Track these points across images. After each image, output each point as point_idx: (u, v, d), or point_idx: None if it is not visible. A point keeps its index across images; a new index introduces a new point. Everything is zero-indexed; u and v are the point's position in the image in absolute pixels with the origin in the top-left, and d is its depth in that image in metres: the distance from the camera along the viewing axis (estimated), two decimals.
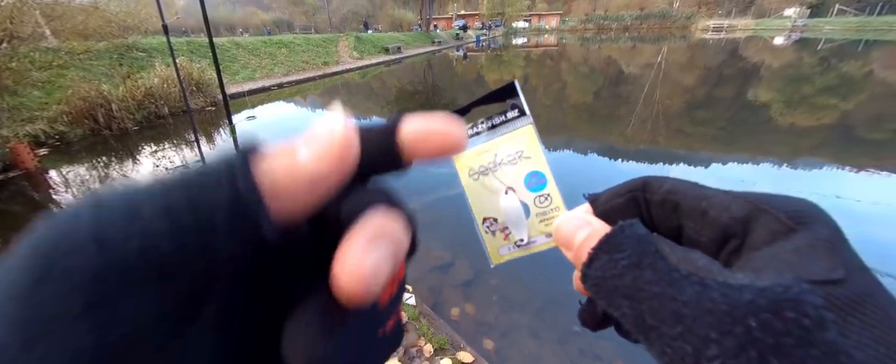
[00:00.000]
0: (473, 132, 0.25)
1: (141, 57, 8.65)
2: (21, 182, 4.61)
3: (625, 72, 13.66)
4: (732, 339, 0.12)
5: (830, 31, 31.16)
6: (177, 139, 6.30)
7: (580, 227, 0.20)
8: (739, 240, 0.17)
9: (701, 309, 0.13)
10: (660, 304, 0.14)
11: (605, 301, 0.17)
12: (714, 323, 0.13)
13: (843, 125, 6.14)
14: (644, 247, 0.16)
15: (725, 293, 0.13)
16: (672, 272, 0.15)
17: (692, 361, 0.13)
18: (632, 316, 0.15)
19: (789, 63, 14.29)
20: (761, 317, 0.12)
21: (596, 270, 0.17)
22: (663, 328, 0.14)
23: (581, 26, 50.28)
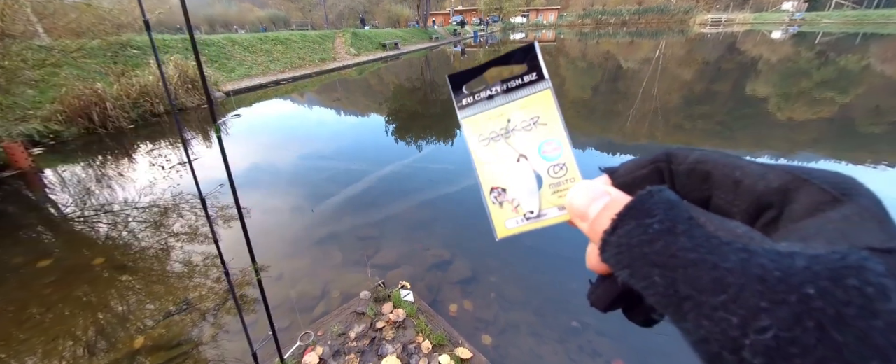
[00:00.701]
0: (487, 94, 0.23)
1: (135, 55, 8.56)
2: (15, 182, 4.58)
3: (623, 67, 13.63)
4: (787, 308, 0.11)
5: (828, 24, 31.14)
6: (172, 137, 6.26)
7: (597, 197, 0.18)
8: (777, 210, 0.16)
9: (749, 276, 0.12)
10: (698, 272, 0.13)
11: (628, 271, 0.15)
12: (765, 291, 0.11)
13: (842, 119, 6.14)
14: (677, 213, 0.15)
15: (776, 260, 0.12)
16: (711, 239, 0.13)
17: (737, 333, 0.12)
18: (662, 285, 0.14)
19: (787, 57, 14.28)
20: (820, 284, 0.11)
21: (620, 237, 0.16)
22: (703, 297, 0.13)
23: (579, 21, 50.05)
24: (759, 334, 0.11)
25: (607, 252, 0.16)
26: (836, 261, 0.11)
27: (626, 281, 0.15)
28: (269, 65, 12.49)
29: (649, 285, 0.14)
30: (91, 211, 3.74)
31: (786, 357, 0.11)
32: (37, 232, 3.46)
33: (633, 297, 0.19)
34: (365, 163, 4.77)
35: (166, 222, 3.40)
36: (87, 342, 2.11)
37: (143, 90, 7.20)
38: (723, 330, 0.12)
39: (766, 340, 0.11)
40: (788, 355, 0.11)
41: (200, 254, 2.88)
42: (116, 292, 2.51)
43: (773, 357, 0.11)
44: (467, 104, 0.23)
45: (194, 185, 1.28)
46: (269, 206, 3.65)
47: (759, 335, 0.11)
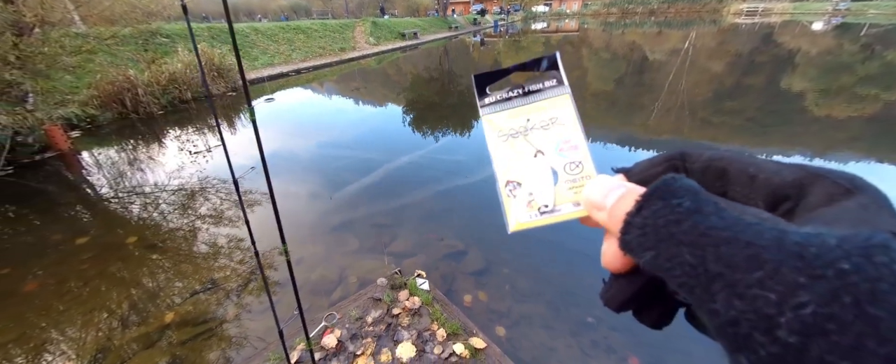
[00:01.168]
0: (509, 95, 0.24)
1: (164, 42, 8.83)
2: (56, 163, 4.85)
3: (649, 59, 13.14)
4: (825, 283, 0.11)
5: (875, 15, 29.02)
6: (199, 123, 6.47)
7: (615, 188, 0.19)
8: (793, 202, 0.16)
9: (786, 252, 0.12)
10: (732, 249, 0.13)
11: (653, 252, 0.15)
12: (803, 267, 0.11)
13: (886, 117, 5.76)
14: (701, 194, 0.15)
15: (809, 237, 0.12)
16: (740, 219, 0.13)
17: (773, 311, 0.11)
18: (690, 264, 0.13)
19: (828, 50, 13.43)
20: (853, 260, 0.11)
21: (646, 218, 0.16)
22: (736, 274, 0.12)
23: (604, 10, 48.35)
24: (797, 310, 0.11)
25: (630, 234, 0.16)
26: (864, 239, 0.12)
27: (648, 264, 0.15)
28: (291, 54, 12.66)
29: (676, 265, 0.14)
30: (124, 192, 3.93)
31: (823, 333, 0.11)
32: (75, 210, 3.67)
33: (646, 296, 0.19)
34: (382, 152, 4.82)
35: (193, 205, 3.54)
36: (121, 315, 2.24)
37: (172, 77, 7.44)
38: (757, 308, 0.12)
39: (804, 317, 0.11)
40: (826, 331, 0.11)
41: (225, 236, 2.99)
42: (148, 270, 2.65)
43: (811, 334, 0.11)
44: (489, 103, 0.24)
45: (220, 169, 1.33)
46: (289, 191, 3.74)
47: (797, 311, 0.11)
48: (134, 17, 6.99)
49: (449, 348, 1.79)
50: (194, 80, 7.62)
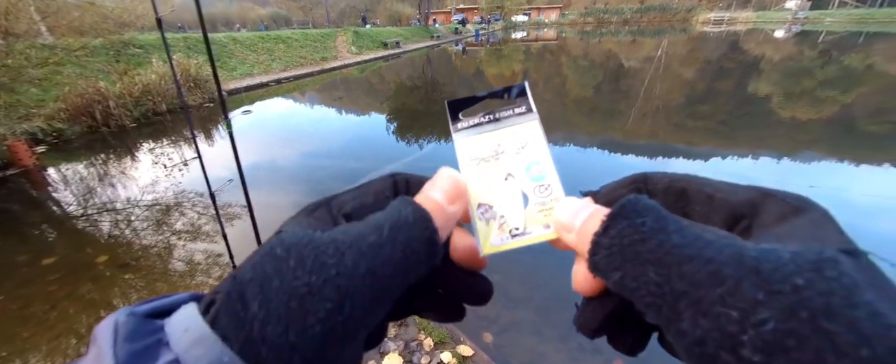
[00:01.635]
0: (478, 122, 0.25)
1: (138, 53, 8.58)
2: (19, 180, 4.60)
3: (625, 66, 13.59)
4: (782, 299, 0.11)
5: (831, 23, 30.97)
6: (175, 135, 6.28)
7: (582, 209, 0.19)
8: (748, 220, 0.17)
9: (745, 267, 0.12)
10: (694, 267, 0.13)
11: (620, 272, 0.15)
12: (761, 283, 0.12)
13: (845, 118, 6.12)
14: (664, 213, 0.16)
15: (765, 253, 0.12)
16: (701, 237, 0.14)
17: (735, 329, 0.12)
18: (656, 283, 0.14)
19: (790, 56, 14.22)
20: (806, 275, 0.11)
21: (612, 238, 0.16)
22: (700, 291, 0.13)
23: (581, 20, 49.90)
24: (758, 327, 0.11)
25: (598, 255, 0.16)
26: (815, 254, 0.12)
27: (617, 285, 0.15)
28: (271, 63, 12.50)
29: (642, 284, 0.14)
30: (94, 209, 3.76)
31: (784, 349, 0.11)
32: (41, 230, 3.48)
33: (618, 320, 0.19)
34: (366, 161, 4.78)
35: (168, 220, 3.41)
36: (90, 340, 2.13)
37: (146, 89, 7.21)
38: (721, 326, 0.12)
39: (765, 334, 0.11)
40: (786, 348, 0.11)
41: (202, 252, 2.89)
42: (119, 290, 2.53)
43: (772, 351, 0.11)
44: (462, 128, 0.25)
45: (197, 182, 1.29)
46: (270, 202, 3.66)
47: (758, 328, 0.11)
48: (105, 27, 6.77)
49: (436, 357, 1.77)
50: (169, 91, 7.41)
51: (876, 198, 3.33)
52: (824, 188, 3.55)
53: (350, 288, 0.15)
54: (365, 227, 0.17)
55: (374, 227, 0.17)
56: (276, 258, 0.16)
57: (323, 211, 0.21)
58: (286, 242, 0.16)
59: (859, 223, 2.89)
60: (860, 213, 3.07)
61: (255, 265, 0.16)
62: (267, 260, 0.16)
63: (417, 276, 0.18)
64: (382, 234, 0.17)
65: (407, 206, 0.18)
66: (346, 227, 0.18)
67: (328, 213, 0.21)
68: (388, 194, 0.23)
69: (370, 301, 0.16)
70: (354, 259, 0.16)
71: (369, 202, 0.22)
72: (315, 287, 0.15)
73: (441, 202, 0.20)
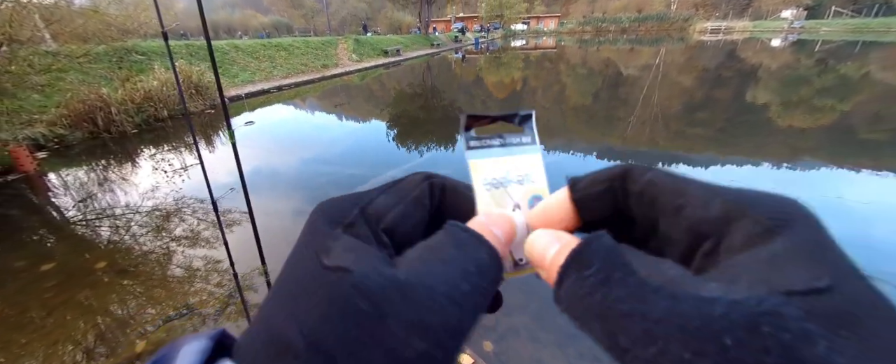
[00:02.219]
0: (488, 143, 0.25)
1: (140, 60, 8.65)
2: (20, 185, 4.60)
3: (623, 74, 13.70)
4: (708, 359, 0.11)
5: (827, 32, 31.31)
6: (176, 142, 6.30)
7: (550, 244, 0.18)
8: (713, 242, 0.15)
9: (672, 326, 0.12)
10: (631, 324, 0.13)
11: (578, 323, 0.15)
12: (687, 341, 0.11)
13: (842, 126, 6.16)
14: (613, 259, 0.15)
15: (697, 306, 0.12)
16: (642, 286, 0.13)
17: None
18: (605, 339, 0.14)
19: (787, 64, 14.34)
20: (736, 334, 0.11)
21: (565, 291, 0.16)
22: (637, 351, 0.12)
23: (579, 28, 50.42)
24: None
25: (560, 304, 0.16)
26: (754, 305, 0.11)
27: (580, 328, 0.16)
28: (272, 70, 12.60)
29: (597, 339, 0.15)
30: (93, 215, 3.76)
31: None
32: (40, 235, 3.48)
33: None
34: (366, 167, 4.79)
35: (168, 226, 3.41)
36: (87, 347, 2.11)
37: (148, 95, 7.26)
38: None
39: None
40: None
41: (202, 258, 2.88)
42: (117, 296, 2.52)
43: None
44: (474, 146, 0.25)
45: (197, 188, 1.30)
46: (270, 209, 3.66)
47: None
48: (108, 34, 6.84)
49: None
50: (170, 97, 7.46)
51: (876, 205, 3.34)
52: (823, 195, 3.56)
53: (452, 346, 0.14)
54: (450, 270, 0.15)
55: (461, 271, 0.15)
56: (361, 315, 0.13)
57: (361, 224, 0.18)
58: (369, 293, 0.13)
59: (858, 231, 2.89)
60: (859, 221, 3.08)
61: (328, 318, 0.13)
62: (349, 316, 0.13)
63: None
64: (473, 281, 0.15)
65: (481, 248, 0.17)
66: (424, 267, 0.15)
67: (368, 228, 0.18)
68: (426, 202, 0.21)
69: (459, 352, 0.15)
70: (458, 316, 0.14)
71: (408, 211, 0.20)
72: (422, 353, 0.13)
73: (502, 243, 0.19)
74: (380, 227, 0.18)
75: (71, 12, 6.28)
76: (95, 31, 6.54)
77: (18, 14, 5.10)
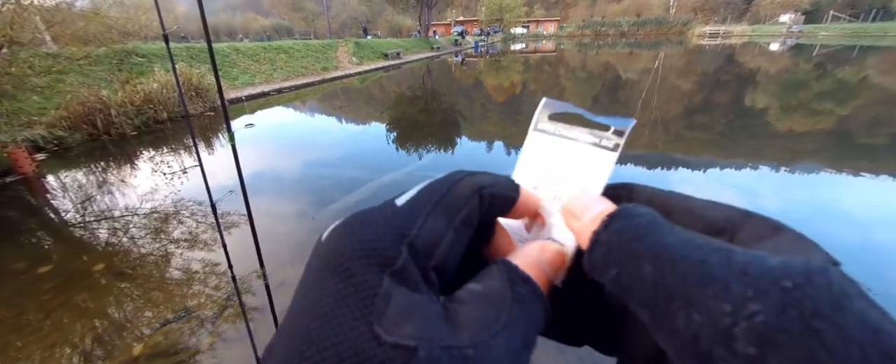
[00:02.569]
0: (559, 130, 0.24)
1: (140, 62, 8.67)
2: (18, 187, 4.59)
3: (622, 77, 13.75)
4: (771, 297, 0.12)
5: (825, 37, 31.49)
6: (175, 144, 6.30)
7: (593, 203, 0.19)
8: (728, 237, 0.17)
9: (733, 270, 0.13)
10: (686, 266, 0.13)
11: (616, 269, 0.15)
12: (749, 283, 0.12)
13: (841, 130, 6.17)
14: (659, 218, 0.16)
15: (752, 258, 0.13)
16: (693, 239, 0.14)
17: (729, 321, 0.12)
18: (651, 280, 0.14)
19: (785, 68, 14.41)
20: (795, 278, 0.12)
21: (611, 234, 0.16)
22: (691, 290, 0.13)
23: (579, 32, 50.67)
24: (749, 319, 0.12)
25: (596, 251, 0.16)
26: (802, 264, 0.12)
27: (613, 283, 0.16)
28: (273, 73, 12.62)
29: (638, 282, 0.14)
30: (92, 217, 3.75)
31: (775, 345, 0.11)
32: (37, 237, 3.46)
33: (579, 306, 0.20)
34: (366, 170, 4.79)
35: (167, 229, 3.40)
36: (84, 350, 2.10)
37: (147, 97, 7.26)
38: (714, 321, 0.12)
39: (757, 326, 0.11)
40: (778, 343, 0.11)
41: (200, 261, 2.87)
42: (115, 299, 2.50)
43: (765, 344, 0.11)
44: (542, 129, 0.24)
45: (196, 191, 1.29)
46: (269, 212, 3.66)
47: (750, 320, 0.12)
48: (109, 37, 6.86)
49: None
50: (170, 99, 7.46)
51: (875, 209, 3.34)
52: (822, 199, 3.56)
53: None
54: (512, 336, 0.14)
55: (522, 340, 0.15)
56: None
57: (410, 265, 0.15)
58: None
59: (858, 234, 2.89)
60: (860, 225, 3.08)
61: None
62: None
63: None
64: (530, 347, 0.15)
65: (539, 306, 0.16)
66: (489, 332, 0.14)
67: (416, 268, 0.15)
68: (474, 221, 0.18)
69: None
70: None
71: (462, 240, 0.17)
72: None
73: (551, 281, 0.18)
74: (430, 265, 0.15)
75: (72, 14, 6.30)
76: (96, 34, 6.55)
77: (19, 16, 5.12)
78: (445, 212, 0.16)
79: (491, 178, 0.19)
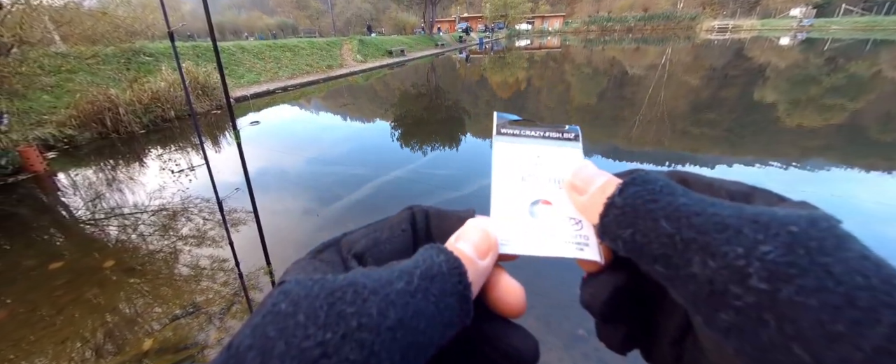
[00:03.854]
0: (522, 133, 0.25)
1: (148, 61, 8.75)
2: (30, 185, 4.67)
3: (629, 73, 13.60)
4: (780, 238, 0.13)
5: (837, 31, 30.86)
6: (182, 142, 6.36)
7: (598, 176, 0.20)
8: (743, 201, 0.18)
9: (744, 219, 0.14)
10: (702, 220, 0.15)
11: (631, 229, 0.16)
12: (760, 228, 0.13)
13: (853, 125, 6.06)
14: (673, 182, 0.17)
15: (761, 210, 0.14)
16: (703, 199, 0.16)
17: (743, 262, 0.13)
18: (668, 233, 0.15)
19: (796, 63, 14.16)
20: (801, 224, 0.13)
21: (626, 198, 0.17)
22: (707, 237, 0.14)
23: (584, 28, 50.16)
24: (762, 258, 0.13)
25: (610, 216, 0.18)
26: (808, 213, 0.14)
27: (626, 243, 0.17)
28: (278, 71, 12.67)
29: (654, 237, 0.15)
30: (102, 214, 3.80)
31: (787, 278, 0.12)
32: (49, 234, 3.53)
33: (618, 302, 0.19)
34: (370, 167, 4.80)
35: (175, 225, 3.44)
36: (95, 344, 2.14)
37: (155, 96, 7.34)
38: (729, 263, 0.13)
39: (769, 263, 0.13)
40: (790, 276, 0.12)
41: (208, 257, 2.91)
42: (125, 295, 2.54)
43: (777, 279, 0.12)
44: (506, 133, 0.24)
45: (204, 188, 1.31)
46: (275, 209, 3.68)
47: (762, 258, 0.13)
48: (117, 36, 6.93)
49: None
50: (177, 98, 7.53)
51: (888, 206, 3.28)
52: (834, 195, 3.51)
53: (376, 344, 0.13)
54: (389, 273, 0.15)
55: (401, 272, 0.15)
56: (279, 315, 0.13)
57: (331, 251, 0.19)
58: (292, 294, 0.14)
59: (872, 230, 2.84)
60: (873, 221, 3.02)
61: (254, 328, 0.13)
62: (269, 320, 0.13)
63: (448, 338, 0.15)
64: (412, 282, 0.15)
65: (439, 255, 0.17)
66: (365, 271, 0.16)
67: (337, 254, 0.19)
68: (405, 227, 0.21)
69: (401, 360, 0.13)
70: (380, 307, 0.14)
71: (383, 237, 0.20)
72: (331, 346, 0.12)
73: (472, 256, 0.18)
74: (350, 254, 0.19)
75: (80, 14, 6.38)
76: (104, 33, 6.63)
77: (29, 16, 5.19)
78: (376, 223, 0.21)
79: (433, 206, 0.22)
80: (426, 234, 0.22)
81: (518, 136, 0.24)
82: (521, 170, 0.23)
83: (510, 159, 0.24)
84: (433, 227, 0.22)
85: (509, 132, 0.24)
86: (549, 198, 0.22)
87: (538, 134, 0.25)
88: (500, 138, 0.24)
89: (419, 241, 0.21)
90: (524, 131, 0.24)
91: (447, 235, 0.20)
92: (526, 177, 0.23)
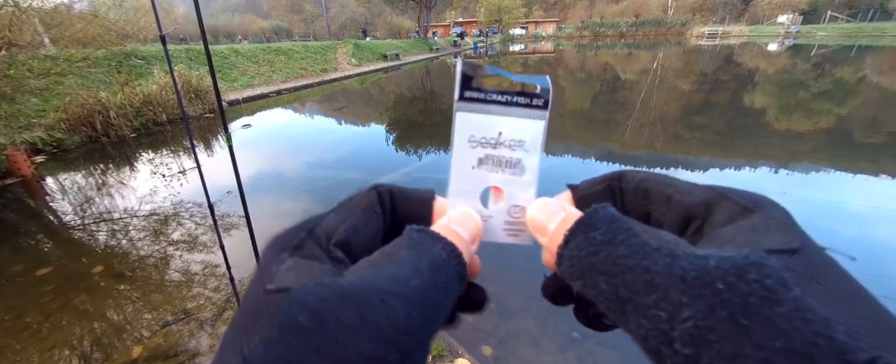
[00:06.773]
0: (488, 98, 0.22)
1: (139, 64, 8.67)
2: (17, 190, 4.58)
3: (622, 78, 13.77)
4: (703, 301, 0.13)
5: (823, 37, 31.56)
6: (174, 146, 6.29)
7: (555, 213, 0.20)
8: (700, 221, 0.18)
9: (672, 277, 0.14)
10: (634, 276, 0.15)
11: (580, 281, 0.17)
12: (685, 288, 0.13)
13: (839, 130, 6.18)
14: (617, 225, 0.17)
15: (693, 262, 0.14)
16: (644, 246, 0.15)
17: (667, 327, 0.13)
18: (608, 291, 0.15)
19: (783, 68, 14.44)
20: (727, 280, 0.13)
21: (571, 251, 0.17)
22: (638, 298, 0.14)
23: (577, 33, 50.75)
24: (682, 324, 0.13)
25: (562, 265, 0.18)
26: (740, 259, 0.13)
27: (580, 292, 0.17)
28: (272, 75, 12.62)
29: (599, 293, 0.16)
30: (91, 219, 3.74)
31: (706, 343, 0.12)
32: (36, 240, 3.45)
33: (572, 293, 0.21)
34: (365, 171, 4.79)
35: (165, 230, 3.40)
36: (83, 352, 2.09)
37: (147, 99, 7.26)
38: (656, 325, 0.14)
39: (689, 329, 0.13)
40: (708, 341, 0.12)
41: (200, 263, 2.87)
42: (114, 301, 2.50)
43: (697, 344, 0.12)
44: (470, 98, 0.22)
45: (195, 193, 1.29)
46: (268, 213, 3.65)
47: (683, 325, 0.13)
48: (108, 39, 6.85)
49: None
50: (169, 102, 7.46)
51: (874, 208, 3.34)
52: (822, 199, 3.56)
53: (408, 345, 0.14)
54: (399, 269, 0.16)
55: (411, 267, 0.16)
56: (303, 331, 0.13)
57: (311, 245, 0.18)
58: (308, 305, 0.13)
59: (857, 232, 2.89)
60: (859, 223, 3.08)
61: (270, 342, 0.13)
62: (290, 335, 0.13)
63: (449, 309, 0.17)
64: (424, 276, 0.16)
65: (436, 243, 0.18)
66: (375, 271, 0.16)
67: (318, 247, 0.18)
68: (377, 210, 0.21)
69: (423, 353, 0.15)
70: (407, 310, 0.14)
71: (361, 223, 0.20)
72: (372, 355, 0.13)
73: (466, 240, 0.20)
74: (332, 244, 0.18)
75: (71, 17, 6.30)
76: (95, 36, 6.55)
77: (18, 19, 5.11)
78: (345, 207, 0.21)
79: (395, 184, 0.22)
80: (392, 214, 0.22)
81: (483, 101, 0.22)
82: (481, 151, 0.23)
83: (471, 136, 0.22)
84: (397, 206, 0.22)
85: (473, 97, 0.22)
86: (501, 184, 0.23)
87: (504, 99, 0.23)
88: (463, 105, 0.22)
89: (385, 220, 0.22)
90: (490, 95, 0.22)
91: (410, 215, 0.22)
92: (483, 159, 0.23)
